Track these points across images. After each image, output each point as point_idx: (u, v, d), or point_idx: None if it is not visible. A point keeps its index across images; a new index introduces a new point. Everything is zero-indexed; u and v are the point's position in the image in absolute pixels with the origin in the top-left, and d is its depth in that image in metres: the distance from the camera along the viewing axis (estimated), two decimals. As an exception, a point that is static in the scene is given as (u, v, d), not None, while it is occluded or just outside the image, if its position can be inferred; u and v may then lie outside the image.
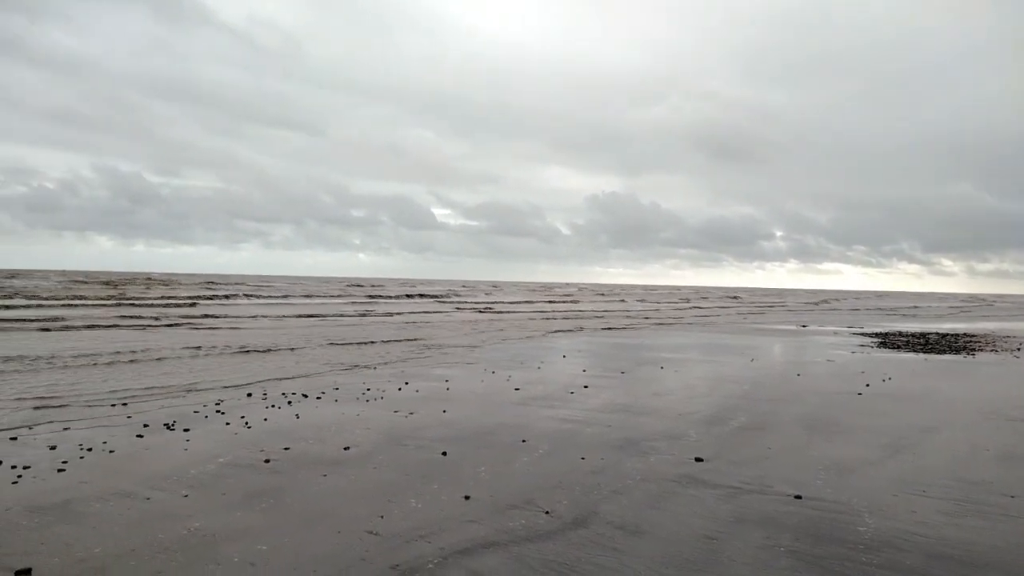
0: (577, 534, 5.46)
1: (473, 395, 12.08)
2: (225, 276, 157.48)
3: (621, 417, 10.19)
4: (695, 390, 12.99)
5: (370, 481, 6.83)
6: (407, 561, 4.89)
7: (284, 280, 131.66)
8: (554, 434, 9.01)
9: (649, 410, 10.80)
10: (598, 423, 9.73)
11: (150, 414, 9.90)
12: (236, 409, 10.38)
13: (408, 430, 9.12)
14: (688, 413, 10.57)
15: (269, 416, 9.89)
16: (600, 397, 11.98)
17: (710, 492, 6.60)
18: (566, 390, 12.71)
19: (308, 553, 5.02)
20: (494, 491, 6.53)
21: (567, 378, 14.42)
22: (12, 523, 5.52)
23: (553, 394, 12.25)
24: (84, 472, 6.98)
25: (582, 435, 8.98)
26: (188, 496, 6.28)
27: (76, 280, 73.56)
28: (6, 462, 7.22)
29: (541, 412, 10.52)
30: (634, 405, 11.23)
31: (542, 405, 11.12)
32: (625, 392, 12.64)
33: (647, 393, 12.54)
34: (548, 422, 9.77)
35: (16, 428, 8.88)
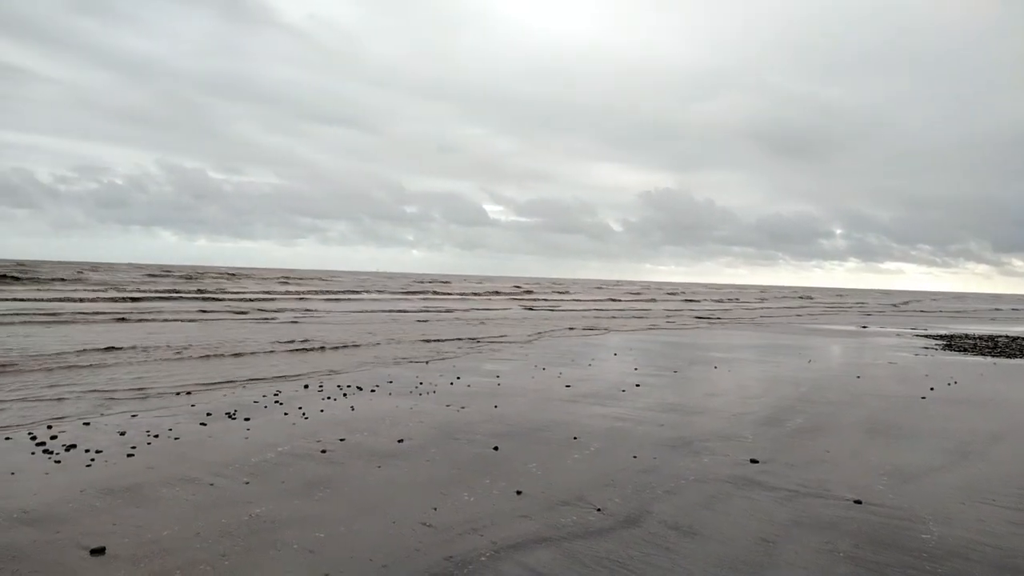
0: (629, 532, 5.44)
1: (523, 391, 12.11)
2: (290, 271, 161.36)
3: (673, 416, 10.09)
4: (750, 390, 12.76)
5: (423, 474, 6.93)
6: (460, 554, 4.95)
7: (349, 276, 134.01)
8: (605, 432, 8.98)
9: (702, 410, 10.66)
10: (650, 422, 9.65)
11: (212, 403, 10.24)
12: (294, 400, 10.65)
13: (460, 424, 9.22)
14: (742, 414, 10.40)
15: (325, 408, 10.11)
16: (651, 396, 11.88)
17: (766, 494, 6.48)
18: (617, 388, 12.64)
19: (364, 542, 5.13)
20: (545, 487, 6.55)
21: (617, 376, 14.34)
22: (87, 504, 5.80)
23: (603, 392, 12.20)
24: (151, 457, 7.27)
25: (633, 433, 8.92)
26: (249, 483, 6.49)
27: (153, 273, 76.15)
28: (80, 446, 7.58)
29: (592, 409, 10.49)
30: (686, 404, 11.10)
31: (592, 402, 11.09)
32: (677, 391, 12.50)
33: (700, 393, 12.38)
34: (599, 420, 9.74)
35: (89, 414, 9.30)
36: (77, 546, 4.93)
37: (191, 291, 46.35)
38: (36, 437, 7.92)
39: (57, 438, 7.91)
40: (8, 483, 6.29)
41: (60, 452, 7.33)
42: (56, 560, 4.70)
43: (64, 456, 7.20)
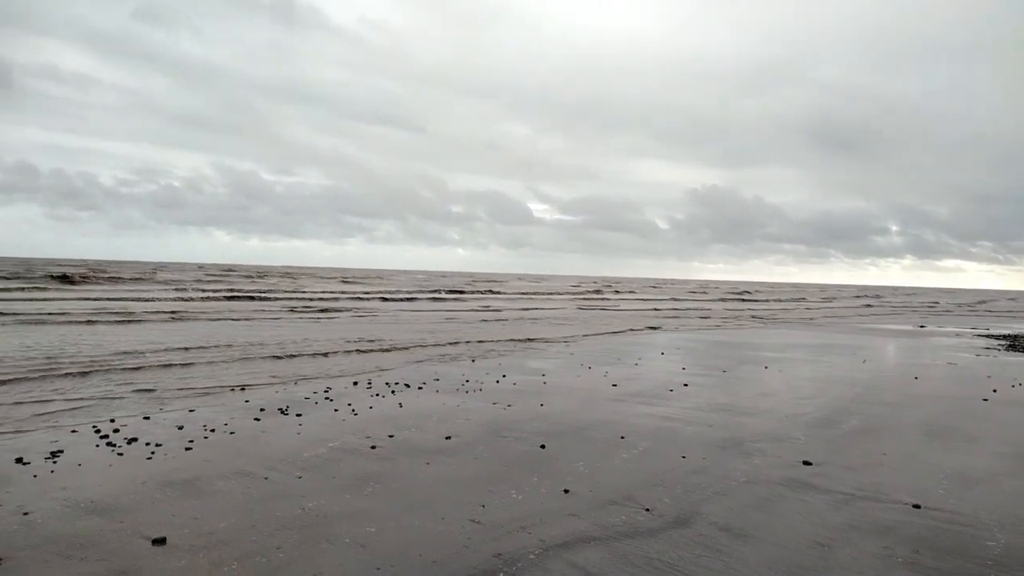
0: (679, 533, 5.38)
1: (569, 389, 12.08)
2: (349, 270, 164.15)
3: (723, 417, 9.93)
4: (801, 391, 12.48)
5: (471, 471, 6.97)
6: (509, 551, 4.96)
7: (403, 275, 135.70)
8: (653, 431, 8.90)
9: (752, 410, 10.47)
10: (698, 422, 9.53)
11: (266, 399, 10.49)
12: (343, 397, 10.83)
13: (507, 422, 9.24)
14: (794, 415, 10.18)
15: (374, 404, 10.26)
16: (700, 396, 11.72)
17: (820, 497, 6.33)
18: (664, 387, 12.51)
19: (414, 538, 5.19)
20: (593, 486, 6.52)
21: (665, 375, 14.19)
22: (148, 496, 6.00)
23: (651, 391, 12.08)
24: (208, 451, 7.49)
25: (682, 434, 8.82)
26: (302, 478, 6.62)
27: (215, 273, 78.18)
28: (140, 439, 7.84)
29: (639, 409, 10.40)
30: (736, 405, 10.92)
31: (640, 402, 11.00)
32: (726, 391, 12.30)
33: (750, 393, 12.16)
34: (646, 419, 9.66)
35: (149, 409, 9.62)
36: (140, 536, 5.11)
37: (255, 290, 47.57)
38: (100, 430, 8.23)
39: (119, 431, 8.21)
40: (75, 474, 6.55)
41: (122, 445, 7.60)
42: (121, 549, 4.87)
43: (126, 449, 7.46)
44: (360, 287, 61.70)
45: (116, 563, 4.64)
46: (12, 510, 5.56)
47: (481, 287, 73.00)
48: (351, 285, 64.73)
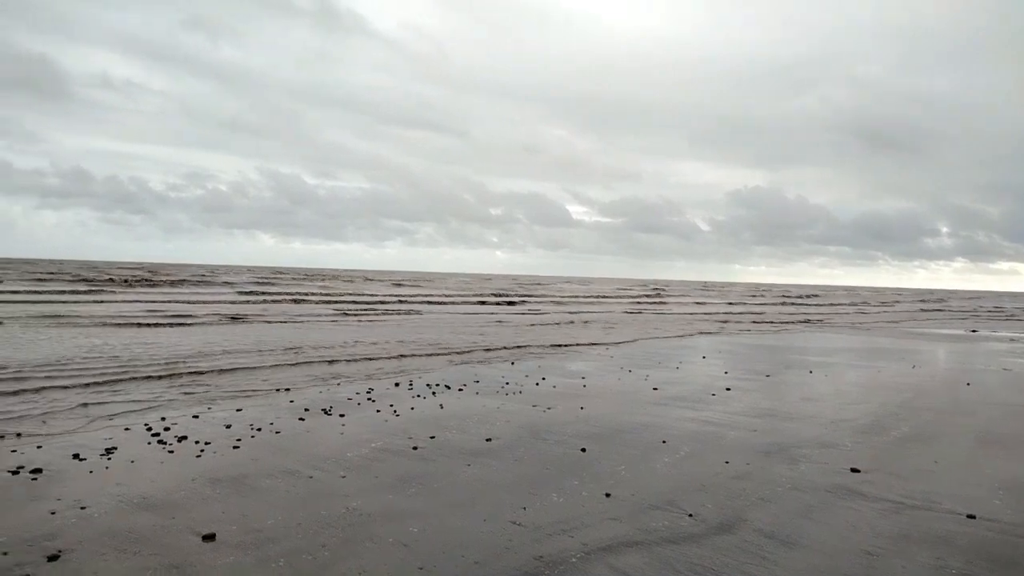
0: (723, 540, 5.31)
1: (610, 393, 12.02)
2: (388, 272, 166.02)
3: (767, 422, 9.77)
4: (848, 396, 12.21)
5: (512, 473, 6.99)
6: (551, 554, 4.96)
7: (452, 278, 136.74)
8: (695, 436, 8.80)
9: (798, 415, 10.28)
10: (742, 427, 9.39)
11: (310, 399, 10.67)
12: (385, 398, 10.96)
13: (546, 425, 9.24)
14: (841, 420, 9.96)
15: (415, 405, 10.35)
16: (743, 400, 11.55)
17: (869, 505, 6.19)
18: (706, 391, 12.36)
19: (456, 538, 5.22)
20: (635, 490, 6.48)
21: (707, 379, 14.01)
22: (198, 492, 6.16)
23: (693, 395, 11.95)
24: (255, 450, 7.65)
25: (725, 438, 8.70)
26: (345, 477, 6.72)
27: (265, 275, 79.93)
28: (190, 438, 8.05)
29: (680, 413, 10.30)
30: (781, 410, 10.72)
31: (681, 406, 10.88)
32: (770, 396, 12.10)
33: (795, 398, 11.94)
34: (688, 423, 9.55)
35: (198, 407, 9.88)
36: (190, 531, 5.25)
37: (306, 293, 48.55)
38: (152, 428, 8.47)
39: (170, 429, 8.44)
40: (129, 471, 6.76)
41: (173, 443, 7.81)
42: (172, 544, 5.01)
43: (176, 447, 7.67)
44: (409, 290, 62.26)
45: (168, 558, 4.77)
46: (70, 504, 5.77)
47: (529, 290, 73.05)
48: (401, 288, 65.33)
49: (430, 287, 72.33)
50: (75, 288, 42.32)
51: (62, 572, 4.52)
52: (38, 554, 4.77)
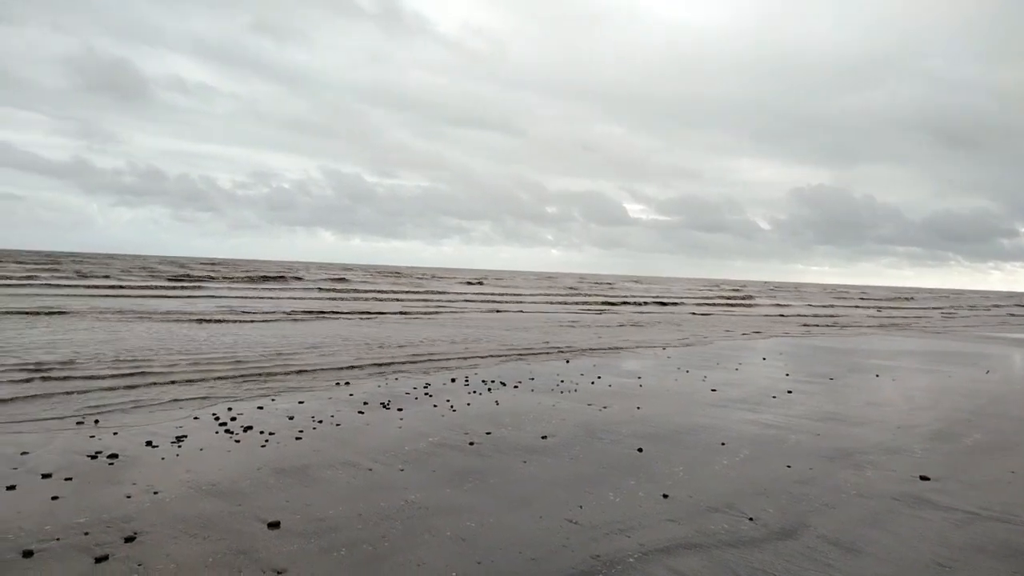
0: (785, 545, 5.19)
1: (667, 393, 11.88)
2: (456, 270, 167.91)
3: (831, 426, 9.50)
4: (917, 401, 11.76)
5: (568, 471, 6.98)
6: (607, 553, 4.94)
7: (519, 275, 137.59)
8: (755, 438, 8.62)
9: (863, 420, 9.96)
10: (804, 431, 9.15)
11: (369, 393, 10.87)
12: (442, 393, 11.08)
13: (602, 424, 9.19)
14: (909, 426, 9.60)
15: (472, 401, 10.44)
16: (806, 403, 11.25)
17: (940, 515, 5.95)
18: (767, 394, 12.08)
19: (513, 535, 5.25)
20: (693, 492, 6.39)
21: (768, 381, 13.70)
22: (263, 482, 6.35)
23: (752, 397, 11.70)
24: (317, 441, 7.84)
25: (787, 442, 8.50)
26: (404, 470, 6.83)
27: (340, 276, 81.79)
28: (255, 428, 8.31)
29: (740, 415, 10.10)
30: (845, 414, 10.41)
31: (741, 408, 10.67)
32: (834, 399, 11.75)
33: (860, 402, 11.56)
34: (748, 426, 9.36)
35: (262, 398, 10.18)
36: (256, 519, 5.42)
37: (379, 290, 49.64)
38: (219, 418, 8.77)
39: (236, 420, 8.72)
40: (198, 458, 7.02)
41: (239, 433, 8.07)
42: (240, 530, 5.19)
43: (243, 436, 7.93)
44: (489, 288, 62.58)
45: (235, 543, 4.94)
46: (143, 489, 6.02)
47: (598, 289, 72.68)
48: (472, 287, 65.68)
49: (501, 285, 72.76)
50: (165, 283, 44.12)
51: (138, 553, 4.73)
52: (116, 535, 5.00)
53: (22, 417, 8.60)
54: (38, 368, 11.84)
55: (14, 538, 4.89)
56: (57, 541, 4.86)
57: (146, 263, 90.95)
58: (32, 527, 5.10)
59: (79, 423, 8.34)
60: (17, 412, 8.86)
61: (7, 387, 10.27)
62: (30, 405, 9.26)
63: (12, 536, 4.93)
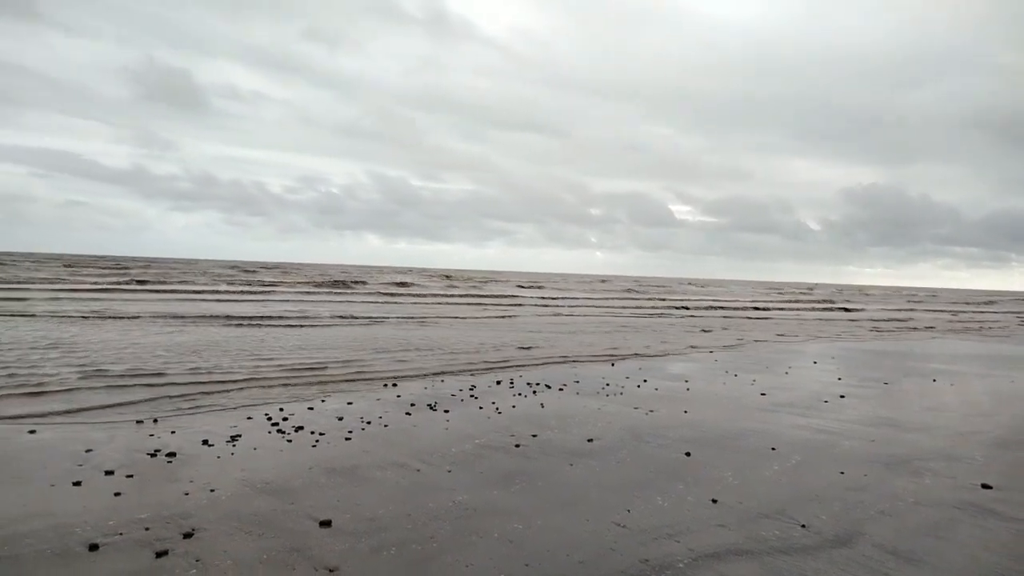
0: (839, 553, 5.08)
1: (715, 397, 11.71)
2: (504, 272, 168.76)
3: (886, 432, 9.24)
4: (978, 407, 11.35)
5: (614, 474, 6.94)
6: (656, 558, 4.90)
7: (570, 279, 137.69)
8: (806, 444, 8.44)
9: (920, 426, 9.66)
10: (858, 436, 8.92)
11: (415, 395, 10.99)
12: (487, 395, 11.13)
13: (649, 427, 9.11)
14: (970, 432, 9.28)
15: (517, 404, 10.47)
16: (859, 408, 10.96)
17: (1004, 525, 5.74)
18: (818, 398, 11.82)
19: (560, 537, 5.25)
20: (743, 497, 6.29)
21: (819, 386, 13.39)
22: (314, 481, 6.48)
23: (803, 401, 11.46)
24: (366, 442, 7.96)
25: (839, 448, 8.30)
26: (451, 471, 6.89)
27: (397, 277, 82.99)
28: (306, 428, 8.48)
29: (790, 420, 9.90)
30: (901, 419, 10.11)
31: (791, 412, 10.46)
32: (889, 404, 11.42)
33: (917, 407, 11.22)
34: (799, 431, 9.17)
35: (312, 399, 10.39)
36: (309, 517, 5.53)
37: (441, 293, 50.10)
38: (271, 418, 8.98)
39: (288, 420, 8.92)
40: (253, 457, 7.20)
41: (291, 432, 8.25)
42: (293, 528, 5.30)
43: (294, 436, 8.10)
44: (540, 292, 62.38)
45: (289, 541, 5.05)
46: (201, 487, 6.21)
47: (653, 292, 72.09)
48: (527, 290, 65.56)
49: (554, 288, 72.79)
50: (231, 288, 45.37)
51: (196, 549, 4.87)
52: (175, 531, 5.17)
53: (86, 416, 8.96)
54: (99, 370, 12.29)
55: (81, 532, 5.10)
56: (120, 536, 5.05)
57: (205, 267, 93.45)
58: (97, 521, 5.30)
59: (139, 422, 8.63)
60: (82, 411, 9.22)
61: (73, 387, 10.69)
62: (93, 404, 9.62)
63: (79, 530, 5.13)
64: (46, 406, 9.43)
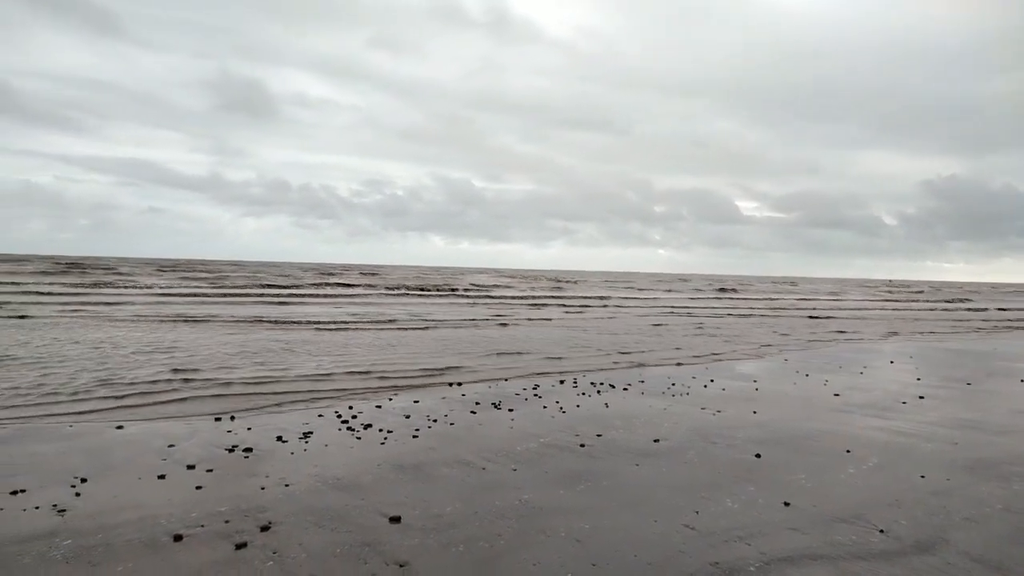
0: (922, 560, 4.87)
1: (785, 397, 11.40)
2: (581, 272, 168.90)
3: (969, 434, 8.81)
4: (1072, 410, 10.70)
5: (682, 475, 6.85)
6: (727, 561, 4.81)
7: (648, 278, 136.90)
8: (884, 446, 8.13)
9: (1007, 429, 9.17)
10: (939, 439, 8.54)
11: (480, 394, 11.09)
12: (551, 394, 11.14)
13: (717, 428, 8.95)
14: (1063, 437, 8.75)
15: (581, 403, 10.43)
16: (940, 410, 10.49)
17: (1103, 535, 5.40)
18: (896, 399, 11.36)
19: (627, 538, 5.21)
20: (816, 500, 6.11)
21: (897, 386, 12.87)
22: (383, 477, 6.62)
23: (880, 402, 11.04)
24: (432, 440, 8.08)
25: (919, 451, 7.96)
26: (516, 470, 6.92)
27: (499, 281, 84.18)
28: (375, 426, 8.67)
29: (866, 421, 9.55)
30: (986, 422, 9.62)
31: (867, 413, 10.09)
32: (973, 406, 10.89)
33: (1003, 409, 10.66)
34: (875, 432, 8.85)
35: (379, 398, 10.61)
36: (378, 513, 5.65)
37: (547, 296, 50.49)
38: (341, 415, 9.22)
39: (357, 418, 9.13)
40: (324, 454, 7.41)
41: (360, 430, 8.45)
42: (363, 523, 5.43)
43: (363, 434, 8.29)
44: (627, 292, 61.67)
45: (360, 536, 5.18)
46: (276, 481, 6.42)
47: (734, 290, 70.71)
48: (612, 290, 64.81)
49: (642, 287, 72.38)
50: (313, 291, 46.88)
51: (273, 541, 5.05)
52: (252, 524, 5.36)
53: (169, 413, 9.39)
54: (180, 369, 12.85)
55: (166, 523, 5.35)
56: (202, 528, 5.27)
57: (286, 269, 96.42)
58: (180, 514, 5.55)
59: (217, 419, 8.99)
60: (165, 409, 9.67)
61: (157, 386, 11.22)
62: (176, 402, 10.08)
63: (164, 521, 5.39)
64: (131, 401, 9.92)
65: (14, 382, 10.99)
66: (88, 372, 12.07)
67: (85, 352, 14.54)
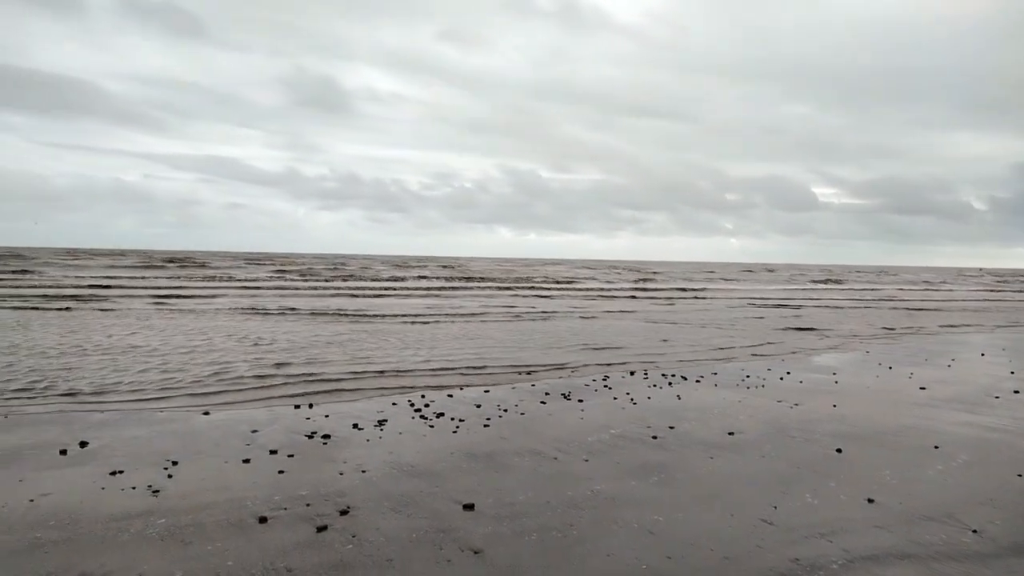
0: (1019, 563, 4.62)
1: (866, 390, 10.98)
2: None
3: (1072, 432, 8.28)
4: None
5: (758, 469, 6.69)
6: (808, 557, 4.68)
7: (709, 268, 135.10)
8: (975, 443, 7.73)
9: (1115, 427, 8.57)
10: (1038, 436, 8.05)
11: (550, 384, 11.11)
12: (621, 385, 11.05)
13: (794, 421, 8.69)
14: None
15: (652, 395, 10.31)
16: (1038, 405, 9.89)
17: None
18: (988, 393, 10.78)
19: (702, 531, 5.13)
20: (903, 498, 5.87)
21: (988, 380, 12.21)
22: (456, 465, 6.72)
23: (970, 397, 10.49)
24: (503, 429, 8.15)
25: (1015, 448, 7.54)
26: (588, 461, 6.91)
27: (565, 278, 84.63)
28: (447, 415, 8.80)
29: (955, 416, 9.10)
30: (1091, 418, 9.02)
31: (956, 408, 9.61)
32: (1075, 401, 10.21)
33: (1110, 405, 9.96)
34: (965, 428, 8.42)
35: (452, 387, 10.76)
36: (452, 500, 5.75)
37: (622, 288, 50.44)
38: (414, 404, 9.40)
39: (429, 406, 9.29)
40: (399, 441, 7.57)
41: (432, 419, 8.59)
42: (438, 510, 5.53)
43: (436, 422, 8.43)
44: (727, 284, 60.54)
45: (436, 522, 5.27)
46: (353, 467, 6.61)
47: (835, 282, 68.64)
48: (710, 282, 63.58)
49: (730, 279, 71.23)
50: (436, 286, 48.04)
51: (351, 525, 5.20)
52: (332, 508, 5.54)
53: (252, 401, 9.78)
54: (262, 358, 13.36)
55: (251, 505, 5.58)
56: (285, 511, 5.48)
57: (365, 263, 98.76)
58: (264, 496, 5.79)
59: (296, 407, 9.30)
60: (249, 396, 10.08)
61: (244, 376, 11.70)
62: (259, 390, 10.48)
63: (249, 504, 5.62)
64: (217, 387, 10.38)
65: (130, 372, 11.66)
66: (198, 366, 12.69)
67: (181, 343, 15.29)
